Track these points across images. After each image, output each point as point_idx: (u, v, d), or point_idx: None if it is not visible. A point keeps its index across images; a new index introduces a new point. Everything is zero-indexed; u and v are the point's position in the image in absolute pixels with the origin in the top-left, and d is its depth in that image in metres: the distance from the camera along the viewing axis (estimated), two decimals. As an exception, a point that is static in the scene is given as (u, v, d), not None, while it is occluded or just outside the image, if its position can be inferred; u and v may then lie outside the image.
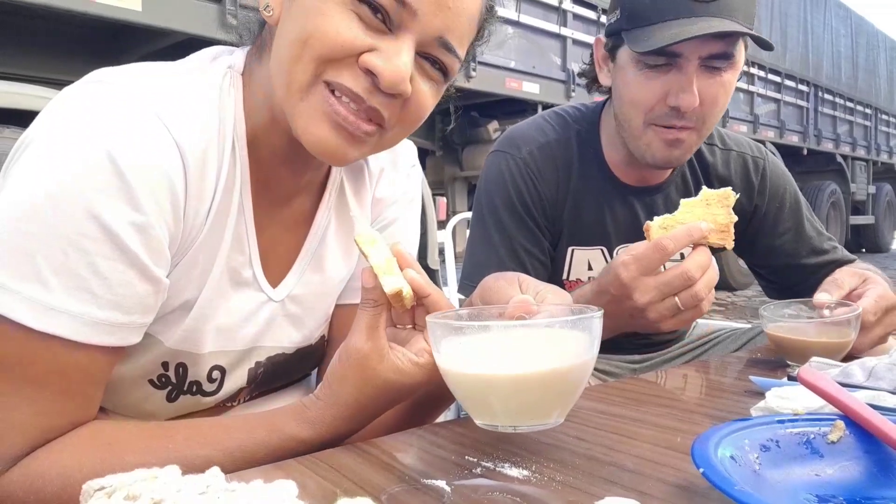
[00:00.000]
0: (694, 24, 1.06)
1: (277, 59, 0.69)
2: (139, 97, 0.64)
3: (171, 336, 0.72)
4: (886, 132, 11.65)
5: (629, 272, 0.91)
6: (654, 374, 1.01)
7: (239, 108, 0.73)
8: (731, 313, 5.67)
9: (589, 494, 0.52)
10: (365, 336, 0.65)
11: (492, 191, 1.28)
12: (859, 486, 0.52)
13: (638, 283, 0.90)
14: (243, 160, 0.73)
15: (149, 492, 0.39)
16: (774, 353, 1.05)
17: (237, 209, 0.73)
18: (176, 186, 0.65)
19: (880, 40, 11.82)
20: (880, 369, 0.77)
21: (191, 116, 0.67)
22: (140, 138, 0.62)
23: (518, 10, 4.86)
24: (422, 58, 0.69)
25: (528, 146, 1.28)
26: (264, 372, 0.84)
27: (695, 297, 0.89)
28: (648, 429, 0.70)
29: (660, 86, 1.11)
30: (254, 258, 0.77)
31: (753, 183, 1.35)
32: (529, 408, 0.57)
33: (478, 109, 5.33)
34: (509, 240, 1.24)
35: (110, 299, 0.61)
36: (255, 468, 0.61)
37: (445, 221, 3.74)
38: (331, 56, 0.65)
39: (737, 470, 0.49)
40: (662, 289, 0.89)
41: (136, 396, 0.76)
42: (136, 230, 0.62)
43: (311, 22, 0.65)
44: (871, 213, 11.21)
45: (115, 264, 0.61)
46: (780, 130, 8.18)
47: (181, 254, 0.69)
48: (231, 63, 0.75)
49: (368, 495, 0.51)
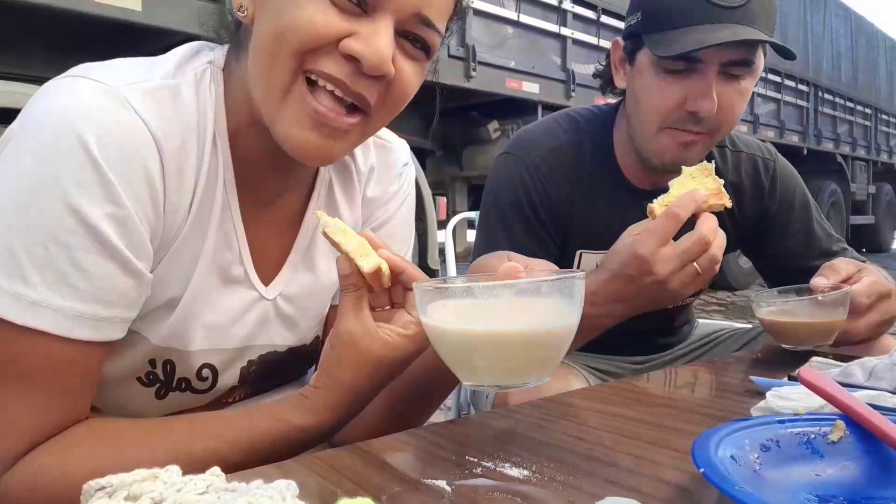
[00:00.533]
0: (717, 31, 1.05)
1: (255, 58, 0.68)
2: (115, 90, 0.64)
3: (157, 333, 0.72)
4: (886, 132, 11.65)
5: (647, 246, 0.93)
6: (654, 375, 1.01)
7: (220, 105, 0.73)
8: (732, 313, 5.68)
9: (589, 494, 0.52)
10: (353, 318, 0.67)
11: (500, 193, 1.26)
12: (860, 486, 0.52)
13: (657, 256, 0.92)
14: (226, 158, 0.73)
15: (149, 492, 0.39)
16: (774, 353, 1.05)
17: (221, 206, 0.73)
18: (153, 178, 0.65)
19: (880, 40, 11.81)
20: (880, 369, 0.77)
21: (168, 109, 0.67)
22: (115, 130, 0.62)
23: (518, 10, 4.86)
24: (401, 37, 0.68)
25: (539, 150, 1.26)
26: (256, 371, 0.84)
27: (712, 260, 0.93)
28: (648, 429, 0.70)
29: (679, 91, 1.11)
30: (244, 255, 0.77)
31: (763, 185, 1.34)
32: (511, 367, 0.58)
33: (478, 109, 5.33)
34: (516, 245, 1.23)
35: (92, 293, 0.61)
36: (255, 468, 0.61)
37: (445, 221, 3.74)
38: (309, 46, 0.64)
39: (737, 470, 0.49)
40: (682, 256, 0.92)
41: (125, 395, 0.75)
42: (116, 223, 0.62)
43: (285, 15, 0.64)
44: (871, 213, 11.21)
45: (96, 258, 0.61)
46: (780, 130, 8.18)
47: (164, 248, 0.69)
48: (212, 59, 0.75)
49: (368, 495, 0.51)
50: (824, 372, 0.77)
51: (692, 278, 0.94)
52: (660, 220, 0.92)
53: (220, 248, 0.74)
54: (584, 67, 5.35)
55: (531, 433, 0.68)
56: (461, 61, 4.48)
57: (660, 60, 1.10)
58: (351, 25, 0.65)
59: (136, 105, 0.64)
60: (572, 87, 5.25)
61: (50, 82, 0.65)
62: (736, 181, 1.33)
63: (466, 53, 4.48)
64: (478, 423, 0.75)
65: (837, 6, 10.14)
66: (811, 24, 9.21)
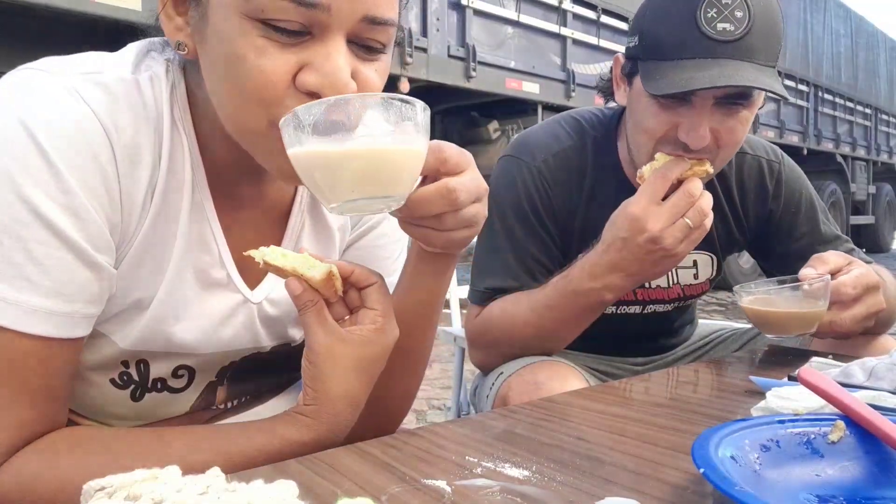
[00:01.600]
0: (707, 69, 1.02)
1: (219, 105, 0.66)
2: (66, 81, 0.63)
3: (127, 336, 0.71)
4: (886, 132, 11.64)
5: (639, 204, 1.01)
6: (654, 375, 1.01)
7: (183, 103, 0.71)
8: (732, 313, 5.68)
9: (589, 494, 0.52)
10: (320, 330, 0.67)
11: (503, 197, 1.25)
12: (859, 487, 0.52)
13: (649, 211, 1.00)
14: (195, 159, 0.72)
15: (149, 492, 0.39)
16: (774, 352, 1.05)
17: (192, 207, 0.72)
18: (106, 169, 0.63)
19: (880, 40, 11.81)
20: (880, 369, 0.77)
21: (119, 102, 0.65)
22: (64, 121, 0.61)
23: (518, 10, 4.86)
24: (355, 45, 0.64)
25: (543, 154, 1.25)
26: (238, 369, 0.83)
27: (701, 213, 1.00)
28: (648, 429, 0.70)
29: (670, 118, 1.09)
30: (225, 259, 0.75)
31: (768, 188, 1.33)
32: (356, 184, 0.58)
33: (478, 109, 5.33)
34: (518, 247, 1.23)
35: (49, 286, 0.60)
36: (255, 468, 0.61)
37: (445, 221, 3.73)
38: (268, 98, 0.61)
39: (737, 470, 0.49)
40: (672, 209, 1.00)
41: (100, 399, 0.75)
42: (70, 213, 0.61)
43: (233, 69, 0.62)
44: (871, 213, 11.20)
45: (51, 250, 0.60)
46: (780, 130, 8.18)
47: (126, 244, 0.68)
48: (170, 56, 0.72)
49: (368, 495, 0.51)
50: (824, 372, 0.77)
51: (684, 233, 1.00)
52: (649, 181, 1.01)
53: (193, 250, 0.73)
54: (584, 67, 5.36)
55: (531, 433, 0.68)
56: (461, 61, 4.49)
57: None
58: (300, 56, 0.61)
59: (86, 96, 0.63)
60: (572, 87, 5.25)
61: (6, 75, 0.64)
62: (740, 183, 1.32)
63: (466, 53, 4.48)
64: (478, 423, 0.75)
65: (837, 6, 10.14)
66: (811, 24, 9.21)
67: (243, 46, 0.60)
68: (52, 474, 0.60)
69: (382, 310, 0.71)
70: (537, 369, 1.11)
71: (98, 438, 0.66)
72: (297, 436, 0.67)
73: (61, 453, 0.62)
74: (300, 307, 0.67)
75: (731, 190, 1.32)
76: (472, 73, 4.48)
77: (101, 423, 0.77)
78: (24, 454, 0.61)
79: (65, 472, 0.61)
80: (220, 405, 0.84)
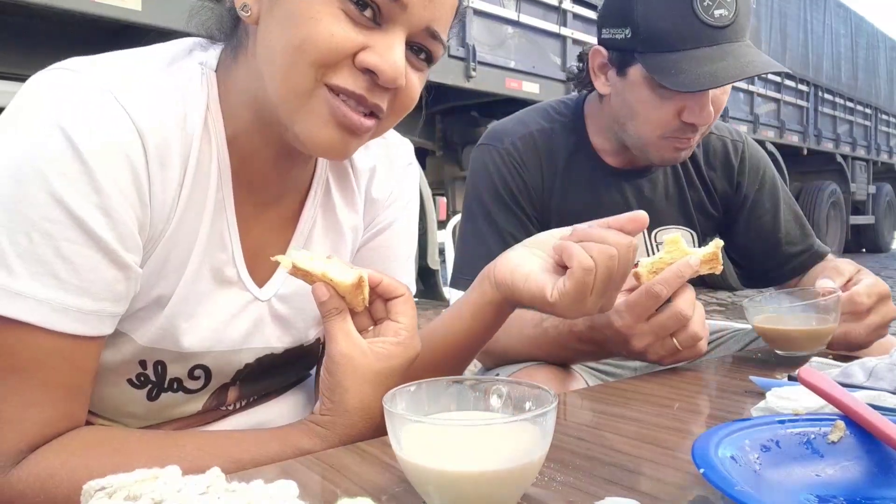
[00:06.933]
0: (722, 60, 1.07)
1: (270, 64, 0.68)
2: (98, 81, 0.64)
3: (145, 333, 0.71)
4: (886, 132, 11.66)
5: (624, 320, 0.91)
6: (654, 375, 1.01)
7: (215, 106, 0.72)
8: (732, 313, 5.67)
9: (589, 494, 0.52)
10: (343, 340, 0.67)
11: (478, 184, 1.30)
12: (859, 487, 0.52)
13: (634, 330, 0.91)
14: (223, 159, 0.73)
15: (149, 492, 0.39)
16: (774, 353, 1.05)
17: (215, 206, 0.72)
18: (137, 168, 0.64)
19: (880, 40, 11.82)
20: (881, 369, 0.77)
21: (152, 104, 0.66)
22: (97, 119, 0.61)
23: (518, 9, 4.87)
24: (409, 48, 0.69)
25: (510, 137, 1.30)
26: (252, 371, 0.83)
27: (693, 337, 0.91)
28: (648, 429, 0.70)
29: (675, 105, 1.13)
30: (237, 257, 0.76)
31: (733, 164, 1.38)
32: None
33: (478, 109, 5.33)
34: (498, 230, 1.26)
35: (78, 285, 0.61)
36: (255, 468, 0.61)
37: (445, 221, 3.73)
38: (327, 60, 0.65)
39: (737, 470, 0.49)
40: (658, 332, 0.91)
41: (117, 398, 0.75)
42: (101, 213, 0.61)
43: (302, 28, 0.64)
44: (871, 213, 11.22)
45: (81, 248, 0.61)
46: (780, 130, 8.18)
47: (153, 243, 0.68)
48: (203, 60, 0.74)
49: (368, 495, 0.51)
50: (824, 372, 0.77)
51: (671, 352, 0.92)
52: (640, 296, 0.89)
53: (212, 249, 0.73)
54: (584, 67, 5.35)
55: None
56: (461, 61, 4.49)
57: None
58: (366, 39, 0.65)
59: (120, 97, 0.64)
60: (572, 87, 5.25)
61: (36, 75, 0.65)
62: (707, 160, 1.38)
63: (466, 53, 4.48)
64: (478, 423, 0.75)
65: (837, 6, 10.15)
66: (811, 24, 9.22)
67: (321, 11, 0.64)
68: (67, 474, 0.61)
69: (407, 323, 0.71)
70: (536, 370, 1.11)
71: (112, 439, 0.66)
72: (310, 445, 0.68)
73: (76, 453, 0.62)
74: (325, 314, 0.68)
75: (700, 167, 1.37)
76: (472, 73, 4.49)
77: (114, 421, 0.77)
78: (41, 452, 0.62)
79: (78, 472, 0.61)
80: (229, 405, 0.84)
